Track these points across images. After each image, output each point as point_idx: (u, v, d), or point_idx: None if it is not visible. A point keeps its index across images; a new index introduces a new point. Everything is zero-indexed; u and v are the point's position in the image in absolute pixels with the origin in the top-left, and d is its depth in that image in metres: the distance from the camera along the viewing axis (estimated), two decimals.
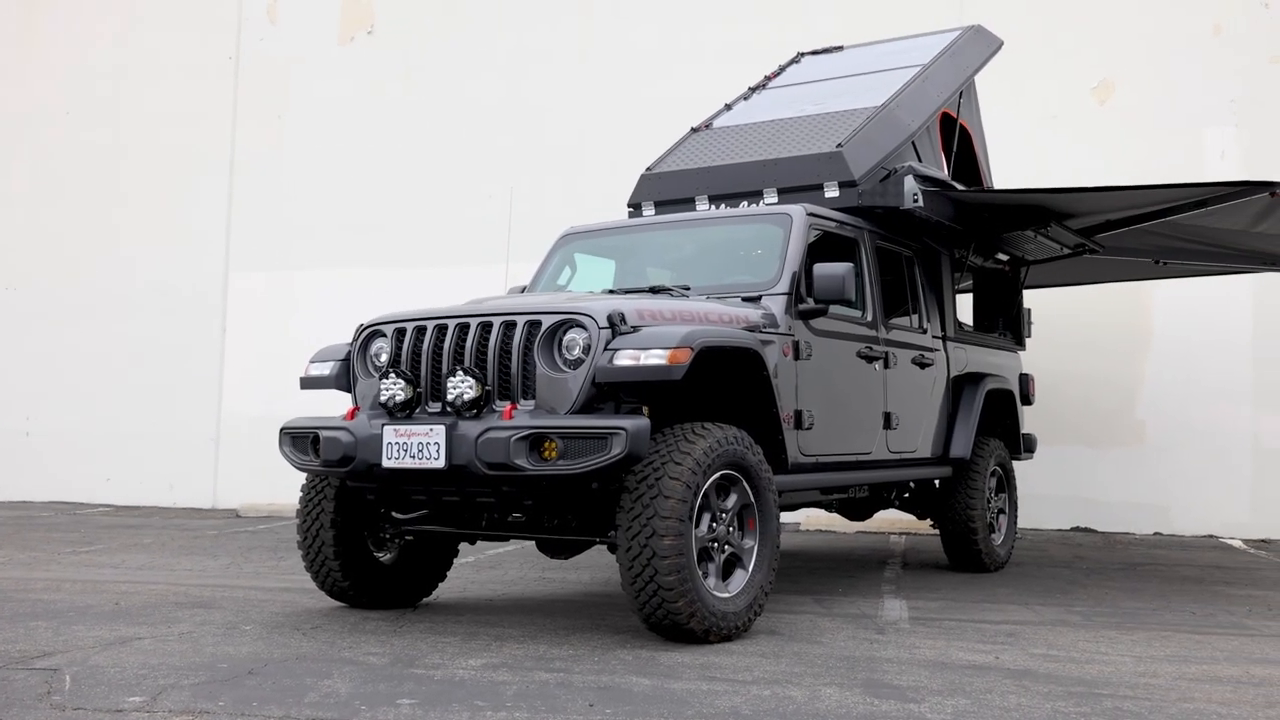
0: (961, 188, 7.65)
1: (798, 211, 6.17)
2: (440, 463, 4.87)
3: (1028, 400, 8.55)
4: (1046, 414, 10.00)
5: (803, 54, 9.07)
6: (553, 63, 12.21)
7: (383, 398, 5.12)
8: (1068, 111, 10.76)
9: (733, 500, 5.06)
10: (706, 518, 4.91)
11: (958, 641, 5.08)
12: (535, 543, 5.76)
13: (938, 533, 7.83)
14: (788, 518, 9.81)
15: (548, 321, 4.99)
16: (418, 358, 5.21)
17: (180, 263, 13.02)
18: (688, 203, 7.06)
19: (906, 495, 7.77)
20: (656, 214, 7.14)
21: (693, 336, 4.88)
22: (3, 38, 14.09)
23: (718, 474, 4.90)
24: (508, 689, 4.04)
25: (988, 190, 8.38)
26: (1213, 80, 10.46)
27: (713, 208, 6.92)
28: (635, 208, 7.33)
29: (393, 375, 5.11)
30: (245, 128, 13.09)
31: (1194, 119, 10.46)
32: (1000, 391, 7.98)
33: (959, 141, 8.15)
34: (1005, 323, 8.59)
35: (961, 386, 7.55)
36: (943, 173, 7.71)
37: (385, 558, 5.86)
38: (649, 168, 7.42)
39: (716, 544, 4.97)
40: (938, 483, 7.65)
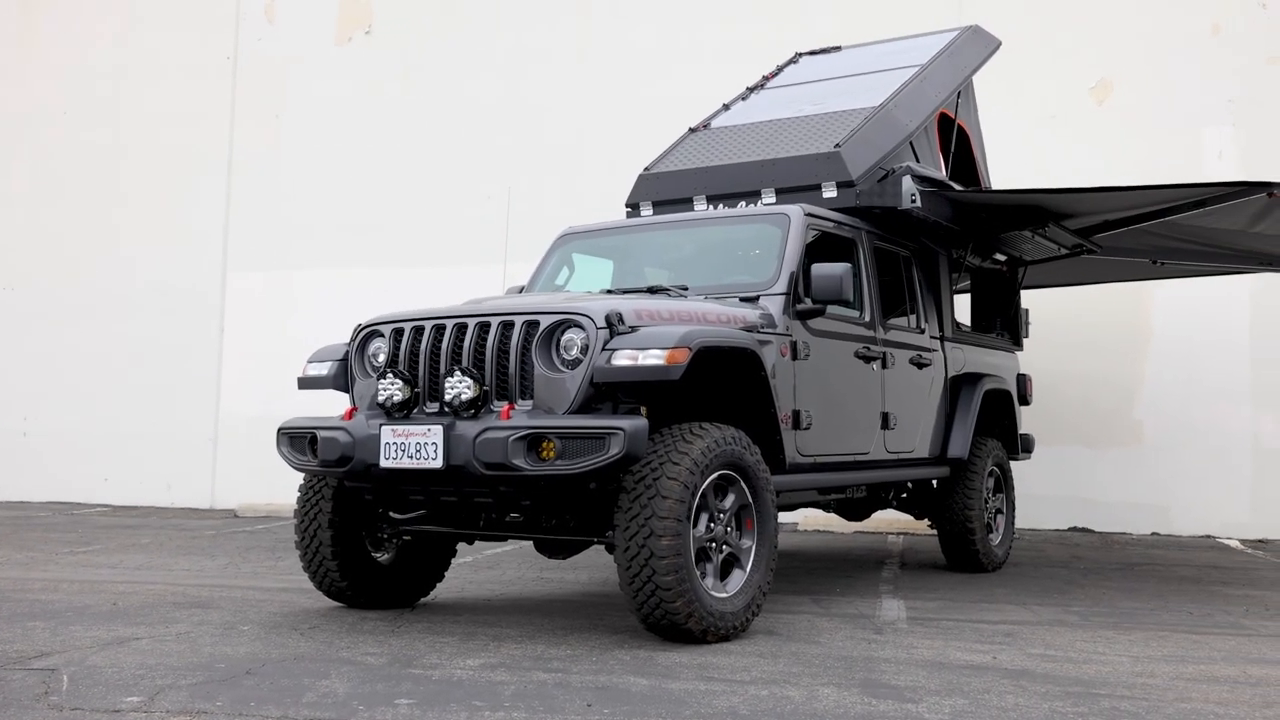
0: (959, 188, 7.66)
1: (796, 212, 6.17)
2: (438, 463, 4.87)
3: (1025, 400, 8.56)
4: (1044, 414, 10.01)
5: (801, 54, 9.07)
6: (551, 63, 12.21)
7: (380, 398, 5.12)
8: (1066, 111, 10.77)
9: (730, 500, 5.06)
10: (704, 518, 4.91)
11: (955, 641, 5.08)
12: (533, 543, 5.76)
13: (935, 533, 7.84)
14: (785, 518, 9.82)
15: (546, 321, 5.00)
16: (415, 358, 5.21)
17: (178, 263, 13.01)
18: (686, 203, 7.06)
19: (904, 495, 7.78)
20: (654, 214, 7.14)
21: (690, 336, 4.88)
22: (1, 38, 14.09)
23: (715, 474, 4.91)
24: (506, 689, 4.04)
25: (986, 190, 8.39)
26: (1211, 80, 10.47)
27: (711, 208, 6.91)
28: (633, 208, 7.33)
29: (390, 375, 5.11)
30: (243, 127, 13.08)
31: (1192, 119, 10.46)
32: (998, 392, 7.98)
33: (957, 142, 8.16)
34: (1003, 323, 8.59)
35: (959, 387, 7.56)
36: (941, 173, 7.72)
37: (383, 558, 5.86)
38: (647, 168, 7.42)
39: (714, 544, 4.97)
40: (935, 483, 7.65)
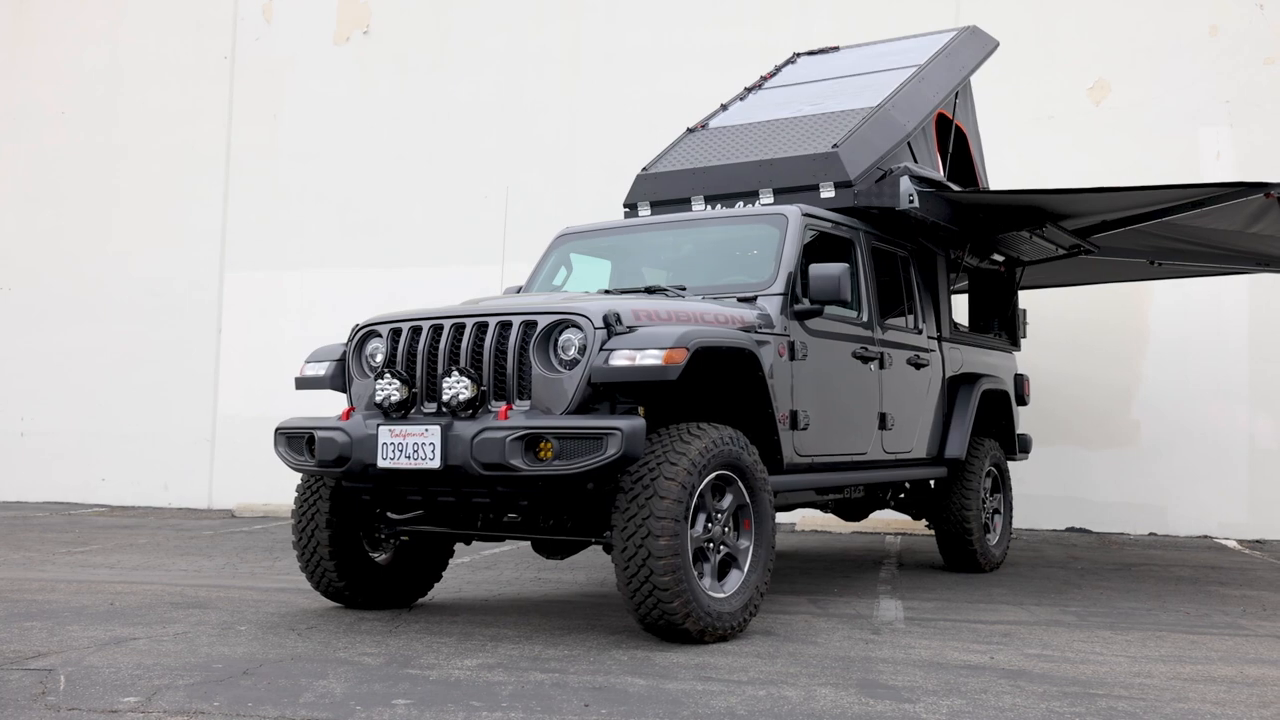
0: (957, 188, 7.66)
1: (793, 212, 6.17)
2: (435, 463, 4.86)
3: (1023, 401, 8.56)
4: (1042, 414, 10.02)
5: (798, 54, 9.08)
6: (548, 63, 12.21)
7: (378, 398, 5.11)
8: (1063, 112, 10.77)
9: (728, 501, 5.06)
10: (702, 518, 4.91)
11: (953, 642, 5.08)
12: (531, 543, 5.77)
13: (933, 533, 7.85)
14: (783, 518, 9.83)
15: (543, 322, 4.99)
16: (413, 358, 5.21)
17: (176, 262, 13.00)
18: (683, 203, 7.06)
19: (902, 495, 7.78)
20: (652, 214, 7.14)
21: (688, 337, 4.88)
22: None
23: (713, 474, 4.91)
24: (503, 689, 4.04)
25: (983, 191, 8.39)
26: (1208, 81, 10.48)
27: (708, 208, 6.91)
28: (631, 208, 7.33)
29: (388, 375, 5.10)
30: (241, 127, 13.07)
31: (1189, 120, 10.48)
32: (995, 392, 7.98)
33: (955, 142, 8.16)
34: (1000, 323, 8.59)
35: (957, 387, 7.56)
36: (938, 173, 7.72)
37: (380, 558, 5.85)
38: (645, 168, 7.42)
39: (712, 544, 4.97)
40: (933, 483, 7.65)
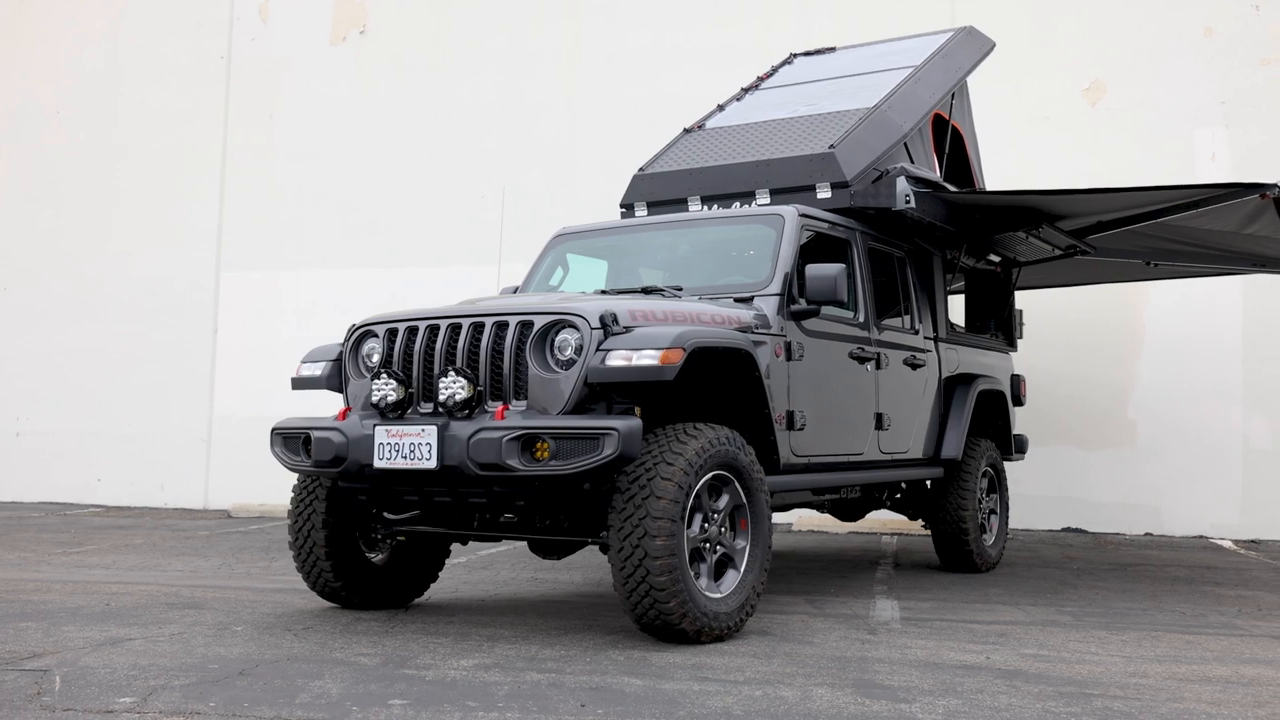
0: (953, 189, 7.67)
1: (790, 212, 6.17)
2: (432, 463, 4.86)
3: (1019, 401, 8.57)
4: (1038, 415, 10.03)
5: (795, 55, 9.08)
6: (545, 63, 12.21)
7: (374, 398, 5.11)
8: (1059, 113, 10.78)
9: (725, 501, 5.06)
10: (698, 518, 4.91)
11: (949, 642, 5.09)
12: (527, 543, 5.77)
13: (929, 533, 7.85)
14: (780, 518, 9.82)
15: (540, 322, 4.99)
16: (410, 358, 5.21)
17: (172, 262, 12.99)
18: (680, 203, 7.06)
19: (898, 496, 7.79)
20: (649, 214, 7.14)
21: (685, 337, 4.88)
22: None
23: (710, 474, 4.91)
24: (500, 689, 4.04)
25: (980, 191, 8.40)
26: (1204, 82, 10.49)
27: (705, 208, 6.91)
28: (628, 208, 7.33)
29: (384, 375, 5.10)
30: (238, 127, 13.06)
31: (1185, 120, 10.49)
32: (992, 392, 7.99)
33: (951, 143, 8.17)
34: (997, 324, 8.60)
35: (953, 387, 7.57)
36: (935, 174, 7.72)
37: (377, 558, 5.85)
38: (642, 168, 7.42)
39: (708, 544, 4.97)
40: (929, 483, 7.66)
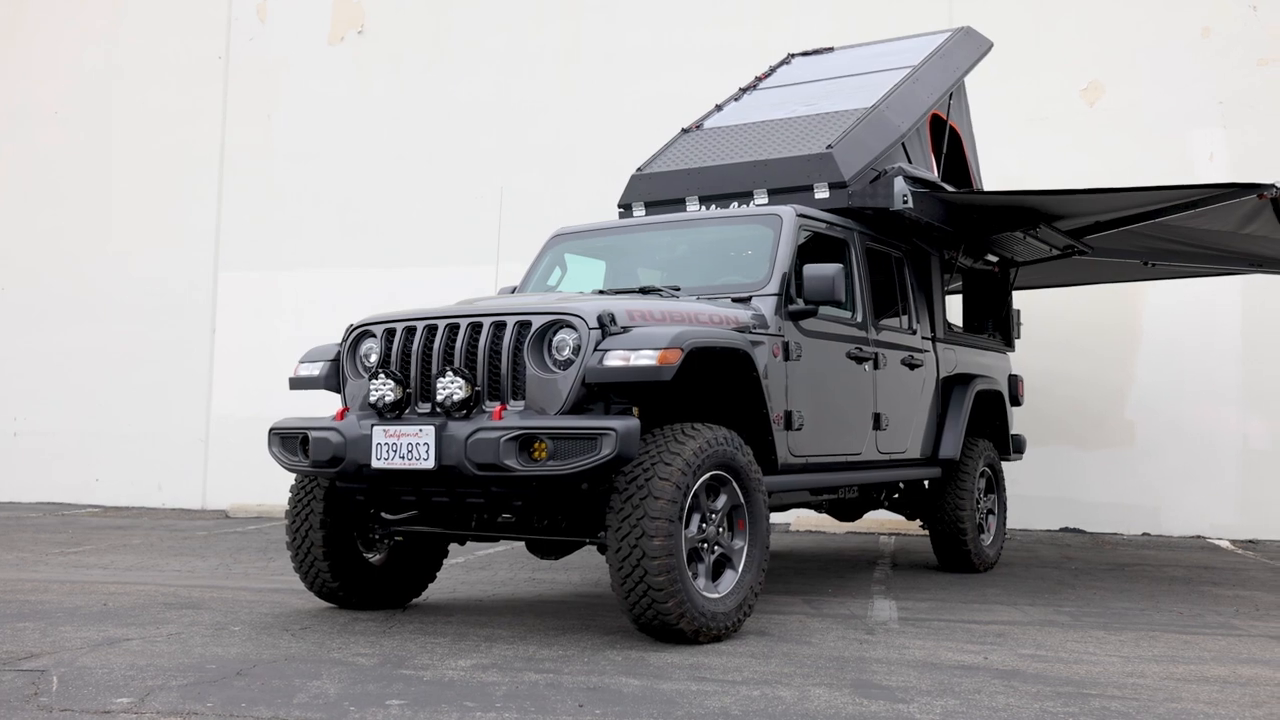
0: (951, 189, 7.67)
1: (788, 212, 6.17)
2: (430, 463, 4.86)
3: (1017, 401, 8.57)
4: (1036, 415, 10.03)
5: (793, 55, 9.08)
6: (543, 63, 12.21)
7: (372, 398, 5.11)
8: (1057, 113, 10.79)
9: (722, 501, 5.06)
10: (696, 518, 4.91)
11: (946, 642, 5.09)
12: (525, 543, 5.76)
13: (927, 533, 7.85)
14: (777, 518, 9.83)
15: (538, 322, 4.99)
16: (407, 358, 5.20)
17: (170, 262, 12.98)
18: (678, 203, 7.07)
19: (896, 496, 7.79)
20: (647, 215, 7.14)
21: (683, 337, 4.88)
22: None
23: (707, 475, 4.91)
24: (497, 690, 4.04)
25: (977, 192, 8.40)
26: (1201, 82, 10.50)
27: (703, 208, 6.91)
28: (626, 208, 7.33)
29: (382, 376, 5.10)
30: (235, 127, 13.06)
31: (1183, 121, 10.50)
32: (989, 392, 7.99)
33: (949, 143, 8.17)
34: (994, 324, 8.61)
35: (951, 387, 7.57)
36: (932, 174, 7.72)
37: (375, 558, 5.85)
38: (639, 168, 7.42)
39: (706, 545, 4.97)
40: (927, 483, 7.66)
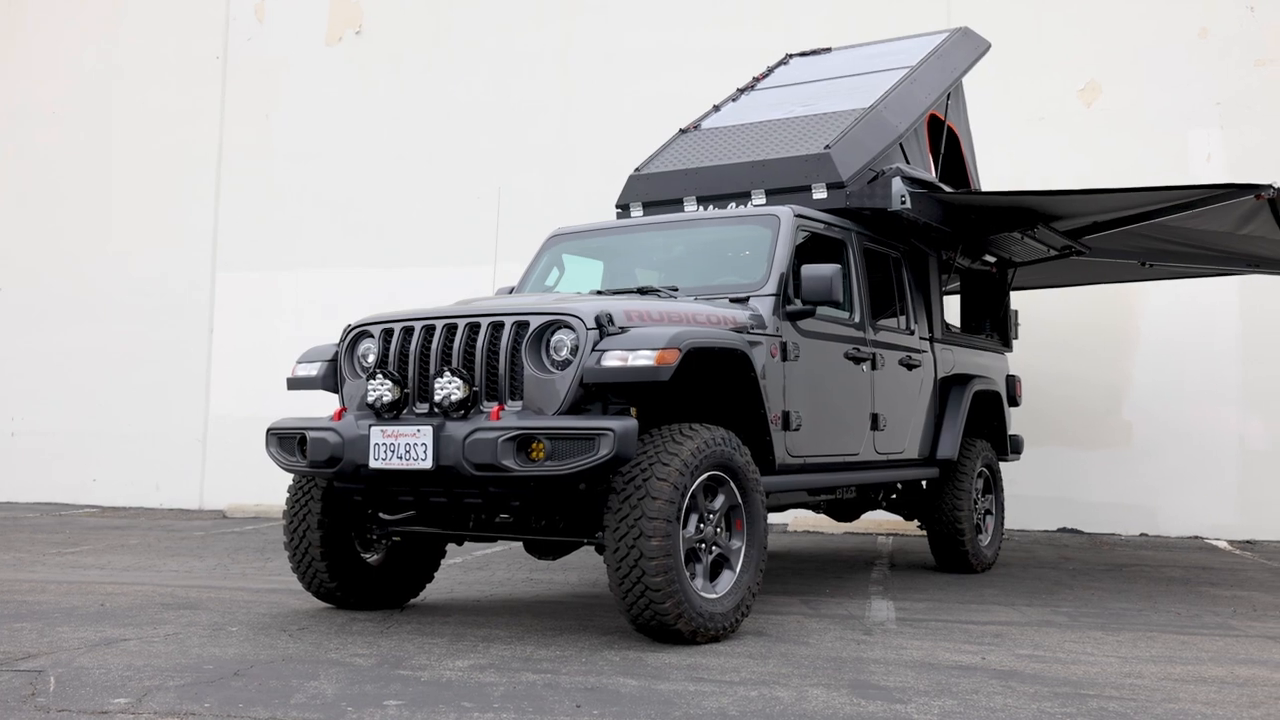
0: (949, 189, 7.67)
1: (785, 213, 6.17)
2: (427, 463, 4.86)
3: (1015, 401, 8.57)
4: (1033, 415, 10.03)
5: (791, 55, 9.09)
6: (541, 63, 12.20)
7: (370, 398, 5.11)
8: (1054, 113, 10.80)
9: (720, 501, 5.06)
10: (694, 519, 4.91)
11: (944, 642, 5.09)
12: (523, 544, 5.76)
13: (925, 534, 7.85)
14: (775, 518, 9.83)
15: (535, 322, 4.99)
16: (405, 358, 5.20)
17: (167, 262, 12.97)
18: (676, 204, 7.07)
19: (894, 496, 7.79)
20: (645, 215, 7.14)
21: (680, 337, 4.88)
22: None
23: (705, 475, 4.90)
24: (495, 690, 4.04)
25: (975, 192, 8.41)
26: (1199, 83, 10.51)
27: (701, 209, 6.91)
28: (623, 209, 7.33)
29: (380, 376, 5.10)
30: (233, 127, 13.05)
31: (1180, 121, 10.50)
32: (987, 393, 8.00)
33: (947, 143, 8.17)
34: (992, 324, 8.61)
35: (949, 388, 7.57)
36: (930, 174, 7.73)
37: (372, 559, 5.85)
38: (637, 169, 7.42)
39: (704, 545, 4.97)
40: (925, 484, 7.66)
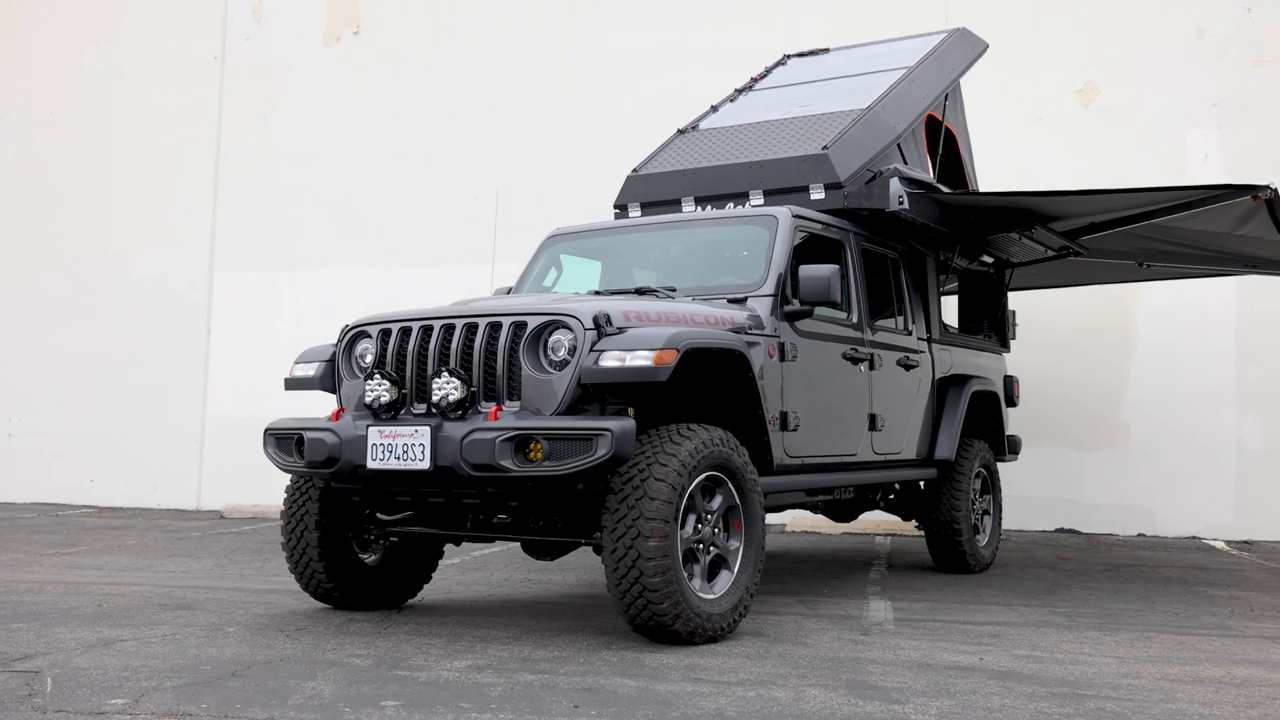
0: (947, 190, 7.68)
1: (783, 213, 6.17)
2: (425, 464, 4.86)
3: (1012, 402, 8.58)
4: (1031, 416, 10.04)
5: (788, 56, 9.09)
6: (539, 64, 12.20)
7: (368, 399, 5.10)
8: (1052, 114, 10.80)
9: (718, 502, 5.06)
10: (692, 519, 4.91)
11: (942, 643, 5.09)
12: (520, 544, 5.75)
13: (923, 534, 7.86)
14: (773, 519, 9.83)
15: (533, 322, 4.99)
16: (403, 359, 5.20)
17: (165, 263, 12.96)
18: (674, 204, 7.07)
19: (892, 496, 7.79)
20: (643, 215, 7.14)
21: (678, 338, 4.88)
22: None
23: (703, 475, 4.91)
24: (492, 690, 4.03)
25: (973, 193, 8.41)
26: (1196, 83, 10.52)
27: (699, 209, 6.92)
28: (621, 209, 7.33)
29: (378, 376, 5.10)
30: (231, 127, 13.04)
31: (1177, 122, 10.51)
32: (985, 393, 8.00)
33: (944, 144, 8.18)
34: (990, 325, 8.62)
35: (946, 388, 7.58)
36: (928, 175, 7.73)
37: (370, 559, 5.84)
38: (635, 169, 7.42)
39: (702, 545, 4.97)
40: (923, 484, 7.67)
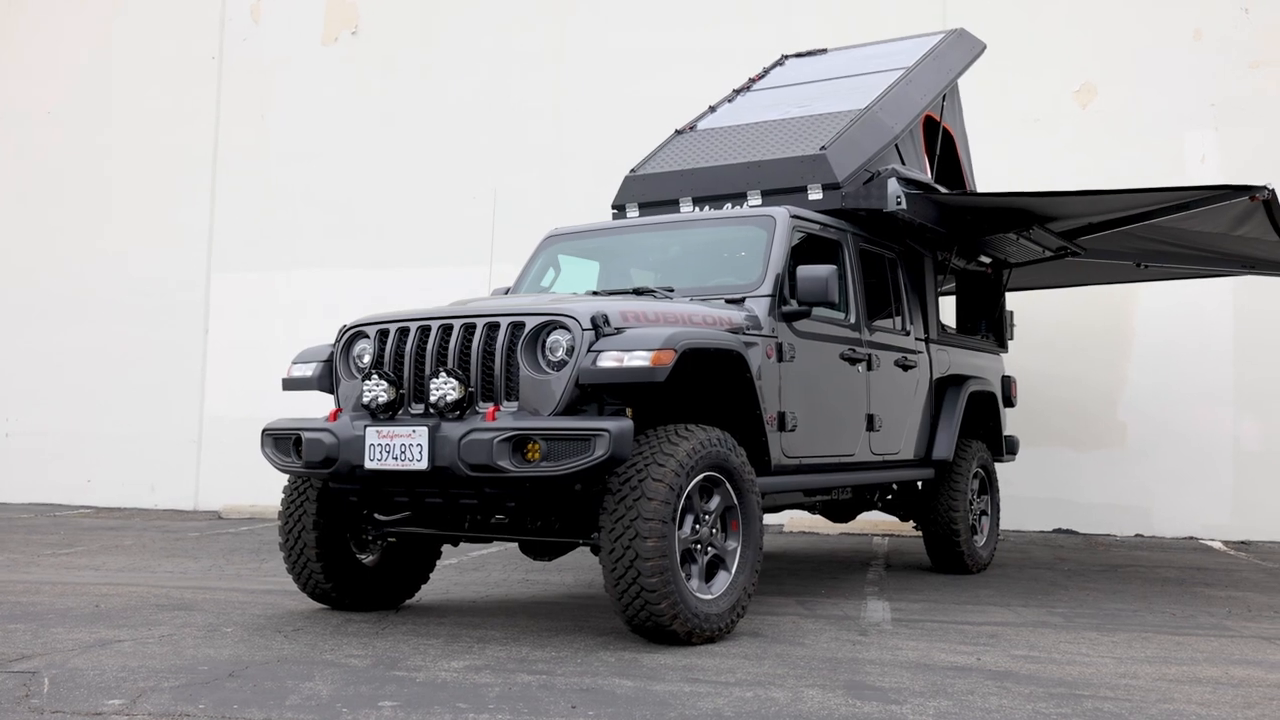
0: (944, 190, 7.68)
1: (781, 214, 6.18)
2: (423, 464, 4.86)
3: (1010, 402, 8.59)
4: (1029, 416, 10.04)
5: (786, 56, 9.09)
6: (537, 64, 12.20)
7: (365, 399, 5.10)
8: (1050, 115, 10.81)
9: (716, 502, 5.06)
10: (689, 519, 4.91)
11: (940, 643, 5.09)
12: (518, 544, 5.76)
13: (920, 534, 7.86)
14: (771, 519, 9.83)
15: (531, 323, 4.99)
16: (401, 359, 5.20)
17: (163, 263, 12.95)
18: (672, 204, 7.07)
19: (889, 497, 7.79)
20: (641, 216, 7.15)
21: (676, 338, 4.88)
22: None
23: (701, 476, 4.91)
24: (490, 691, 4.03)
25: (971, 193, 8.42)
26: (1193, 84, 10.52)
27: (697, 210, 6.92)
28: (619, 209, 7.33)
29: (375, 376, 5.10)
30: (229, 128, 13.03)
31: (1175, 123, 10.52)
32: (982, 393, 8.01)
33: (942, 144, 8.18)
34: (988, 325, 8.62)
35: (944, 388, 7.58)
36: (926, 175, 7.74)
37: (368, 559, 5.84)
38: (633, 169, 7.42)
39: (699, 546, 4.97)
40: (920, 484, 7.67)
